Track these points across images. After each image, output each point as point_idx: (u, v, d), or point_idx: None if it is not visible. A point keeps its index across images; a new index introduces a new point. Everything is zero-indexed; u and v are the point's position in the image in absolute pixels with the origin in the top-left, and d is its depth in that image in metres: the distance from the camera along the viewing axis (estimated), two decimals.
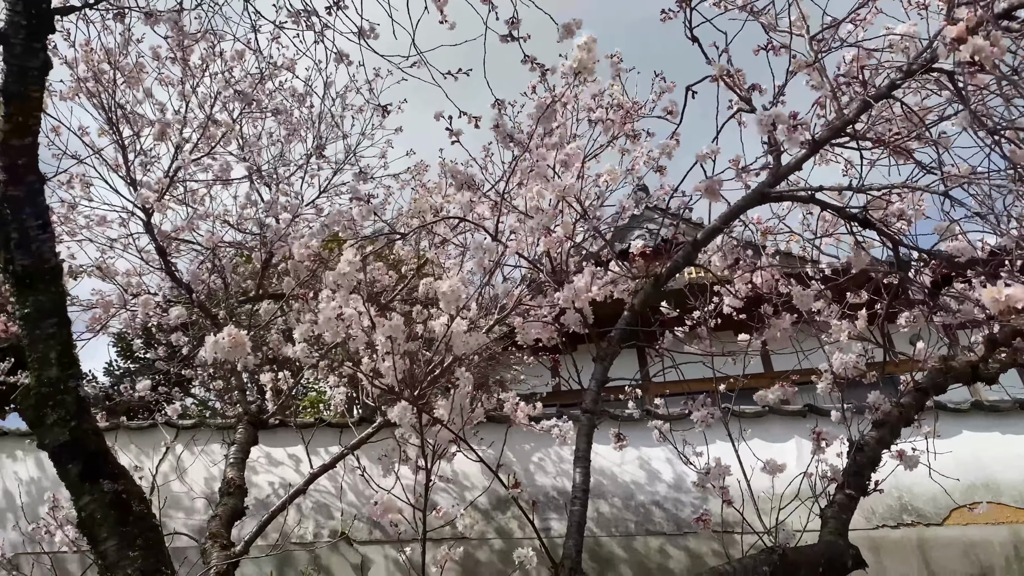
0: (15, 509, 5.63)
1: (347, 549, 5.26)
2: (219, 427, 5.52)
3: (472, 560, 5.16)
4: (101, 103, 4.29)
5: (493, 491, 5.38)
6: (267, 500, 5.26)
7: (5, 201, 2.90)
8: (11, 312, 5.23)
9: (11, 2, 2.73)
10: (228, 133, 4.41)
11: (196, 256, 5.11)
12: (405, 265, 5.00)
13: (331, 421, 5.37)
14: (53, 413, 2.82)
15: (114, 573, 2.82)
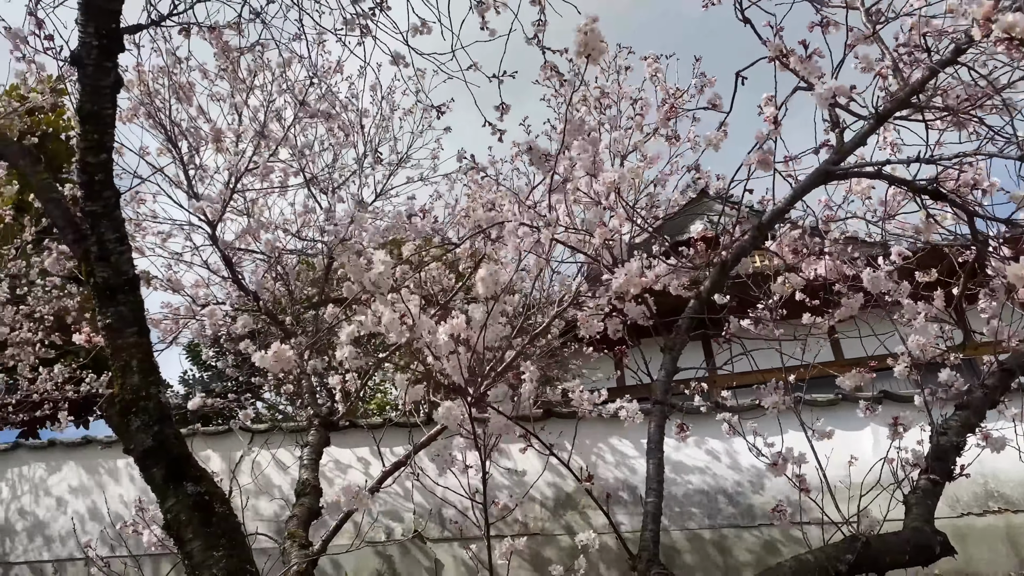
0: (101, 513, 5.85)
1: (419, 547, 5.33)
2: (291, 430, 5.64)
3: (539, 557, 5.17)
4: (159, 122, 4.41)
5: (557, 487, 5.38)
6: (337, 500, 5.34)
7: (85, 216, 3.02)
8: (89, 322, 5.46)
9: (83, 24, 2.82)
10: (281, 142, 4.49)
11: (259, 265, 5.22)
12: (463, 264, 5.03)
13: (399, 421, 5.44)
14: (137, 419, 2.92)
15: (200, 572, 2.91)
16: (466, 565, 5.31)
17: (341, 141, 4.77)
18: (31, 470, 6.28)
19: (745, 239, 2.92)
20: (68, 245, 3.16)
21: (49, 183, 3.08)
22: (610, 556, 5.12)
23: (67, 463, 6.25)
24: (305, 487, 3.98)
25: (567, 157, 2.56)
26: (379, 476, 3.86)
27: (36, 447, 6.42)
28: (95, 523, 5.87)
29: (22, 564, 5.86)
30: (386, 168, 5.07)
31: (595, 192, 2.53)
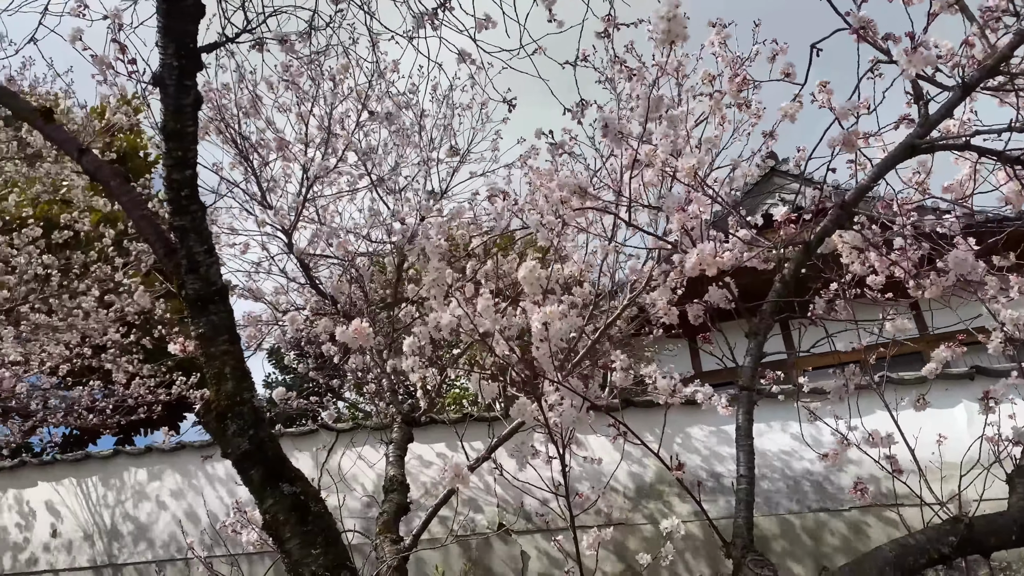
0: (198, 515, 6.09)
1: (504, 540, 5.39)
2: (374, 428, 5.76)
3: (622, 546, 5.16)
4: (229, 137, 4.55)
5: (637, 477, 5.36)
6: (422, 496, 5.45)
7: (173, 231, 3.14)
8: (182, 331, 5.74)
9: (163, 45, 2.93)
10: (347, 147, 4.58)
11: (334, 269, 5.35)
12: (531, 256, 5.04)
13: (478, 416, 5.50)
14: (233, 424, 3.03)
15: (300, 571, 3.01)
16: (550, 557, 5.35)
17: (405, 141, 4.84)
18: (131, 475, 6.58)
19: (828, 220, 2.85)
20: (159, 259, 3.29)
21: (139, 200, 3.21)
22: (695, 544, 5.08)
23: (164, 468, 6.52)
24: (393, 483, 4.07)
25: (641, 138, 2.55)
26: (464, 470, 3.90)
27: (134, 453, 6.72)
28: (193, 525, 6.11)
29: (129, 566, 6.15)
30: (449, 165, 5.13)
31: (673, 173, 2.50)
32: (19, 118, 3.89)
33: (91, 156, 3.28)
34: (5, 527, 6.54)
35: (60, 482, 6.68)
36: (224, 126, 4.43)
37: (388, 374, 4.48)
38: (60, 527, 6.44)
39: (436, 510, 3.87)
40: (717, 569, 5.09)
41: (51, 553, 6.35)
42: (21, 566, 6.34)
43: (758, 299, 3.15)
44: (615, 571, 5.14)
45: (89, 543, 6.33)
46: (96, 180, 3.33)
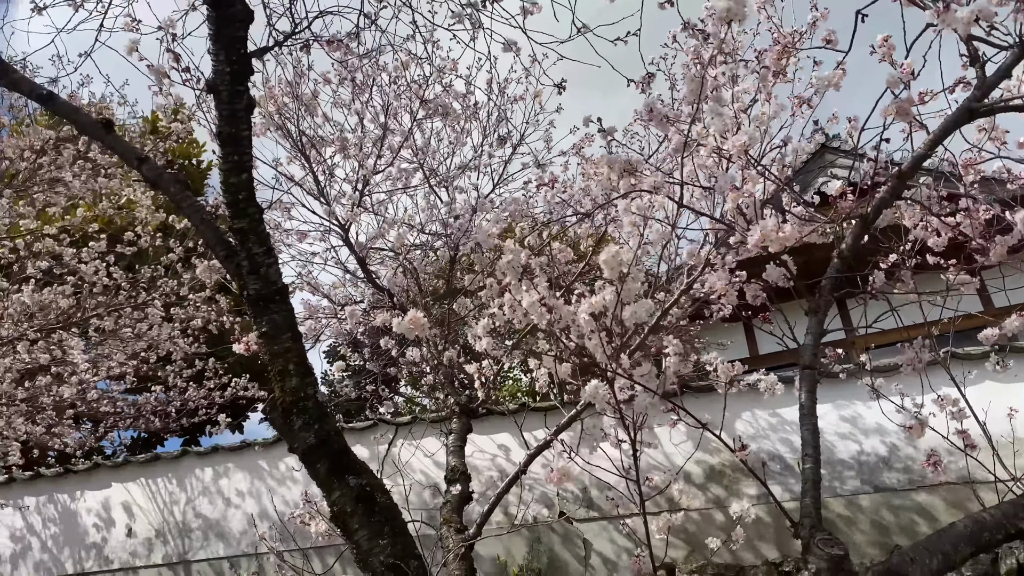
0: (266, 510, 6.25)
1: (567, 528, 5.41)
2: (432, 421, 5.83)
3: (688, 531, 5.14)
4: (287, 133, 4.64)
5: (703, 462, 5.32)
6: (483, 486, 5.50)
7: (233, 233, 3.22)
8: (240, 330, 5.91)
9: (215, 53, 3.01)
10: (403, 143, 4.63)
11: (389, 262, 5.42)
12: (583, 243, 5.04)
13: (536, 406, 5.53)
14: (298, 419, 3.10)
15: (369, 560, 3.07)
16: (615, 544, 5.35)
17: (458, 133, 4.87)
18: (199, 474, 6.77)
19: (885, 192, 2.79)
20: (220, 261, 3.38)
21: (198, 205, 3.30)
22: (763, 527, 5.03)
23: (231, 466, 6.70)
24: (455, 473, 4.12)
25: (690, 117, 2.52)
26: (524, 459, 3.94)
27: (202, 453, 6.91)
28: (261, 520, 6.27)
29: (202, 562, 6.34)
30: (502, 155, 5.15)
31: (725, 152, 2.47)
32: (82, 132, 4.02)
33: (151, 164, 3.38)
34: (84, 527, 6.80)
35: (132, 483, 6.91)
36: (283, 121, 4.51)
37: (444, 366, 4.53)
38: (134, 526, 6.67)
39: (499, 499, 3.90)
40: (784, 552, 5.03)
41: (127, 551, 6.58)
42: (102, 564, 6.58)
43: (816, 277, 3.10)
44: (682, 556, 5.13)
45: (162, 541, 6.54)
46: (156, 188, 3.43)
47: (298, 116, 4.48)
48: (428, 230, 5.06)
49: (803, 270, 3.17)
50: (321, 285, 5.18)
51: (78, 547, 6.73)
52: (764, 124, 2.65)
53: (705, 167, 2.95)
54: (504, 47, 3.04)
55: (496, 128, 5.18)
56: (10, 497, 6.97)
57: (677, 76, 3.78)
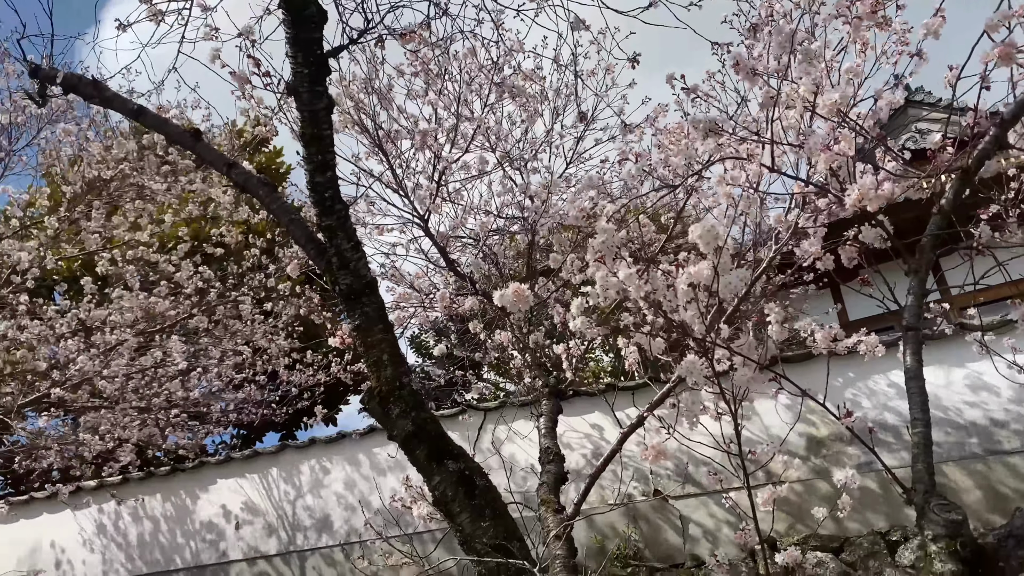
0: (367, 499, 6.41)
1: (663, 504, 5.38)
2: (521, 404, 5.87)
3: (792, 503, 5.04)
4: (365, 128, 4.71)
5: (805, 433, 5.19)
6: (577, 466, 5.50)
7: (321, 231, 3.30)
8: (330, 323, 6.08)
9: (292, 55, 3.07)
10: (476, 130, 4.65)
11: (469, 248, 5.46)
12: (664, 216, 4.97)
13: (624, 385, 5.51)
14: (396, 407, 3.17)
15: (472, 543, 3.12)
16: (714, 518, 5.29)
17: (530, 114, 4.85)
18: (299, 467, 7.00)
19: (986, 142, 2.65)
20: (311, 259, 3.47)
21: (287, 206, 3.40)
22: (868, 496, 4.89)
23: (328, 457, 6.90)
24: (548, 454, 4.14)
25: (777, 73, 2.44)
26: (618, 438, 3.92)
27: (300, 446, 7.14)
28: (363, 508, 6.43)
29: (308, 551, 6.56)
30: (573, 135, 5.11)
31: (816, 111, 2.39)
32: (171, 142, 4.19)
33: (239, 169, 3.49)
34: (197, 523, 7.11)
35: (236, 478, 7.19)
36: (360, 117, 4.59)
37: (531, 348, 4.55)
38: (241, 519, 6.94)
39: (595, 479, 3.91)
40: (892, 521, 4.88)
41: (238, 544, 6.86)
42: (217, 558, 6.88)
43: (913, 236, 2.98)
44: (784, 528, 5.03)
45: (269, 533, 6.79)
46: (245, 191, 3.54)
47: (374, 111, 4.55)
48: (505, 214, 5.08)
49: (900, 229, 3.05)
50: (404, 276, 5.26)
51: (193, 542, 7.05)
52: (858, 78, 2.55)
53: (792, 127, 2.86)
54: (573, 23, 3.01)
55: (565, 106, 5.15)
56: (125, 495, 7.35)
57: (754, 35, 3.65)
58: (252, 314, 7.31)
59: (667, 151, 3.88)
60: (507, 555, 2.93)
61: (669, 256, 4.24)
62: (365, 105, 4.62)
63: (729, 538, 5.16)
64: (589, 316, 2.23)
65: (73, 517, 7.36)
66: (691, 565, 5.22)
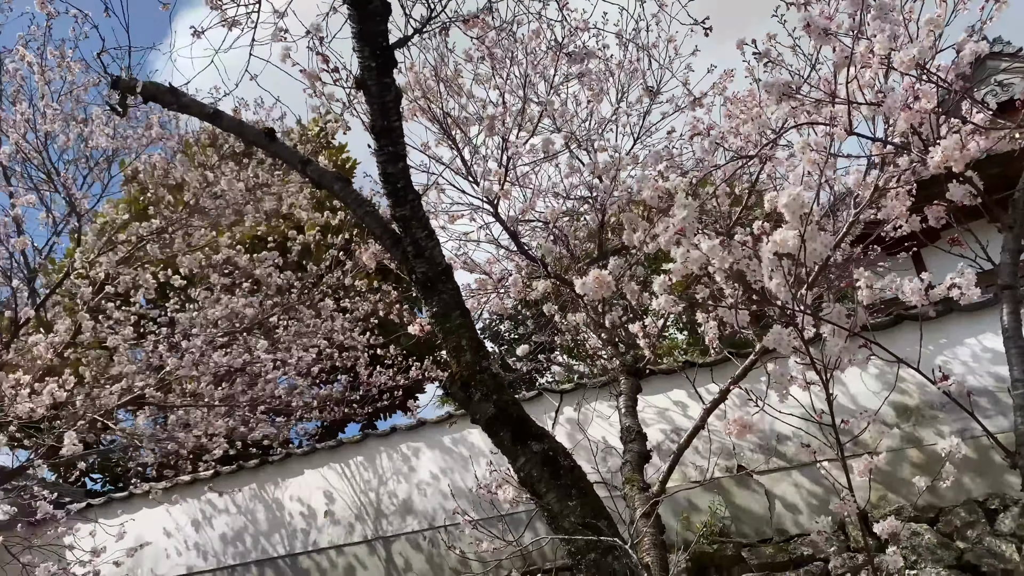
0: (455, 483, 6.51)
1: (748, 479, 5.31)
2: (598, 386, 5.86)
3: (884, 472, 4.90)
4: (434, 116, 4.75)
5: (896, 401, 5.04)
6: (656, 444, 5.46)
7: (395, 221, 3.36)
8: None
9: (359, 50, 3.12)
10: (543, 112, 4.65)
11: (539, 231, 5.47)
12: (738, 187, 4.87)
13: (703, 361, 5.44)
14: (477, 391, 3.21)
15: (559, 522, 3.15)
16: (800, 492, 5.20)
17: (595, 92, 4.82)
18: (382, 455, 7.15)
19: None
20: (387, 249, 3.53)
21: (362, 199, 3.47)
22: (966, 464, 4.71)
23: (410, 444, 7.03)
24: (630, 434, 4.13)
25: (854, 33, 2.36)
26: (700, 414, 3.89)
27: (381, 435, 7.29)
28: (446, 492, 6.54)
29: (396, 537, 6.70)
30: (639, 110, 5.05)
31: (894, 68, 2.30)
32: (247, 143, 4.32)
33: (314, 166, 3.57)
34: (286, 513, 7.35)
35: (322, 468, 7.39)
36: (427, 105, 4.63)
37: (607, 328, 4.53)
38: (330, 508, 7.14)
39: (679, 455, 3.88)
40: (991, 489, 4.70)
41: (327, 533, 7.05)
42: (306, 546, 7.09)
43: (1002, 191, 2.85)
44: (875, 498, 4.90)
45: (357, 520, 6.96)
46: (320, 186, 3.62)
47: (442, 98, 4.59)
48: (574, 195, 5.06)
49: (986, 185, 2.93)
50: (477, 264, 5.30)
51: (282, 531, 7.28)
52: (939, 29, 2.44)
53: (868, 86, 2.77)
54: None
55: (630, 82, 5.08)
56: (217, 488, 7.64)
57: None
58: (331, 312, 7.48)
59: (738, 120, 3.80)
60: (595, 533, 2.94)
61: (745, 228, 4.15)
62: (433, 93, 4.67)
63: (816, 511, 5.06)
64: (671, 293, 2.20)
65: (168, 511, 7.69)
66: (779, 540, 5.15)
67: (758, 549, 5.14)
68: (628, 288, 4.44)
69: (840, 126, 2.29)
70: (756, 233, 3.02)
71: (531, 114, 4.67)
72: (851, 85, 2.46)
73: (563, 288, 4.87)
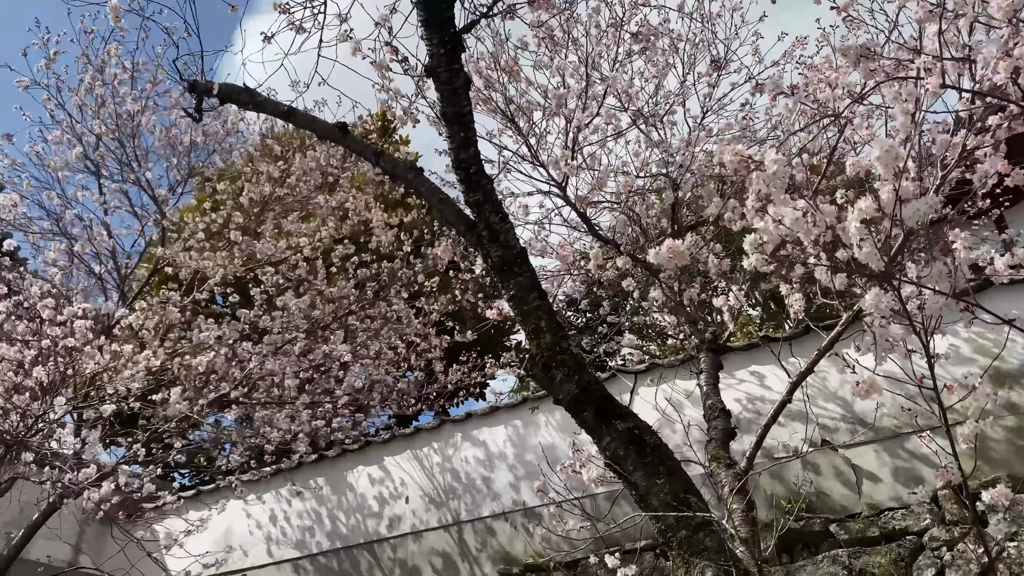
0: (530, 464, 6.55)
1: (833, 454, 5.19)
2: (672, 365, 5.81)
3: (988, 441, 4.73)
4: (496, 105, 4.76)
5: (994, 365, 4.83)
6: (741, 418, 5.36)
7: (469, 207, 3.38)
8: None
9: (427, 38, 3.14)
10: (607, 90, 4.60)
11: (609, 211, 5.44)
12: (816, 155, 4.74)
13: (784, 335, 5.33)
14: (559, 372, 3.21)
15: (648, 500, 3.13)
16: (889, 464, 5.06)
17: (660, 68, 4.74)
18: (459, 440, 7.23)
19: None
20: (461, 235, 3.55)
21: (435, 187, 3.50)
22: None
23: (485, 429, 7.10)
24: (714, 411, 4.08)
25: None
26: (787, 388, 3.80)
27: (457, 420, 7.38)
28: (525, 475, 6.58)
29: (477, 521, 6.77)
30: (709, 81, 4.94)
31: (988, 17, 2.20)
32: (321, 138, 4.41)
33: (387, 157, 3.62)
34: (368, 500, 7.50)
35: (400, 455, 7.52)
36: (489, 94, 4.64)
37: (684, 305, 4.48)
38: (409, 493, 7.26)
39: (766, 431, 3.81)
40: None
41: (407, 518, 7.17)
42: (387, 533, 7.22)
43: None
44: (967, 468, 4.73)
45: (436, 504, 7.06)
46: (394, 178, 3.67)
47: (503, 85, 4.59)
48: (643, 173, 5.01)
49: None
50: (548, 247, 5.30)
51: (364, 518, 7.43)
52: None
53: (954, 42, 2.65)
54: None
55: (696, 55, 4.99)
56: (300, 479, 7.85)
57: None
58: (405, 310, 7.62)
59: (814, 85, 3.68)
60: (685, 509, 2.92)
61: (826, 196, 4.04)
62: (494, 82, 4.67)
63: (905, 484, 4.93)
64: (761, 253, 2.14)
65: (254, 502, 7.95)
66: (868, 515, 5.02)
67: (846, 524, 5.02)
68: (710, 261, 4.37)
69: (930, 81, 2.20)
70: (840, 202, 2.93)
71: (595, 93, 4.63)
72: (939, 39, 2.36)
73: (639, 267, 4.83)
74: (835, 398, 5.33)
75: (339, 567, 7.31)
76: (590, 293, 6.16)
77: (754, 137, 4.64)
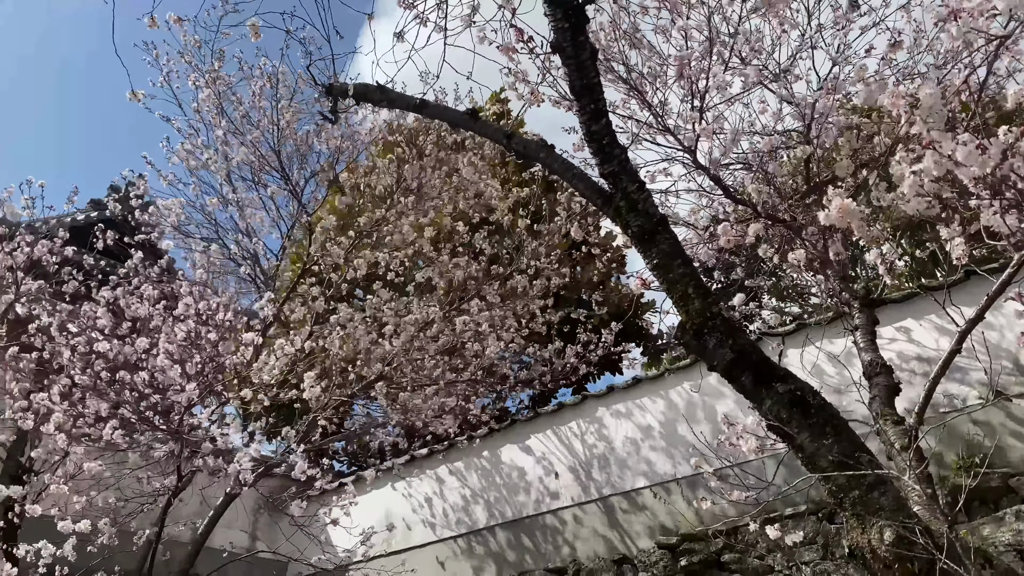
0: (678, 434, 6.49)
1: (1007, 408, 4.86)
2: (822, 324, 5.60)
3: None
4: (617, 75, 4.71)
5: None
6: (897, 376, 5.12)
7: (605, 178, 3.37)
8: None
9: (551, 14, 3.15)
10: (733, 47, 4.46)
11: (739, 173, 5.29)
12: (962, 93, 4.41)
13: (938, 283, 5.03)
14: (711, 338, 3.16)
15: (815, 462, 3.03)
16: None
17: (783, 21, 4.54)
18: (603, 415, 7.26)
19: None
20: (598, 208, 3.55)
21: (568, 164, 3.51)
22: None
23: (628, 402, 7.10)
24: (874, 367, 3.91)
25: None
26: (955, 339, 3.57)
27: (599, 395, 7.41)
28: (673, 446, 6.53)
29: (628, 493, 6.78)
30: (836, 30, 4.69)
31: None
32: (453, 126, 4.51)
33: (517, 138, 3.66)
34: (515, 477, 7.65)
35: (544, 432, 7.64)
36: (610, 65, 4.59)
37: (832, 262, 4.29)
38: (557, 469, 7.35)
39: (935, 384, 3.59)
40: None
41: (558, 492, 7.27)
42: (536, 509, 7.35)
43: None
44: None
45: (584, 478, 7.12)
46: (526, 157, 3.70)
47: (625, 55, 4.53)
48: (775, 130, 4.83)
49: None
50: (679, 217, 5.21)
51: (513, 495, 7.59)
52: None
53: None
54: None
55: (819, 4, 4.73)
56: (451, 459, 8.12)
57: None
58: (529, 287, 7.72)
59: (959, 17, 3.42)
60: (854, 467, 2.82)
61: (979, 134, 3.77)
62: (614, 52, 4.62)
63: None
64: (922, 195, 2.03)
65: (411, 484, 8.29)
66: None
67: None
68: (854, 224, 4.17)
69: None
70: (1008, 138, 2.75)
71: (719, 51, 4.49)
72: None
73: (778, 227, 4.68)
74: (999, 350, 4.98)
75: (498, 543, 7.51)
76: (727, 260, 6.01)
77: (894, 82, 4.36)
